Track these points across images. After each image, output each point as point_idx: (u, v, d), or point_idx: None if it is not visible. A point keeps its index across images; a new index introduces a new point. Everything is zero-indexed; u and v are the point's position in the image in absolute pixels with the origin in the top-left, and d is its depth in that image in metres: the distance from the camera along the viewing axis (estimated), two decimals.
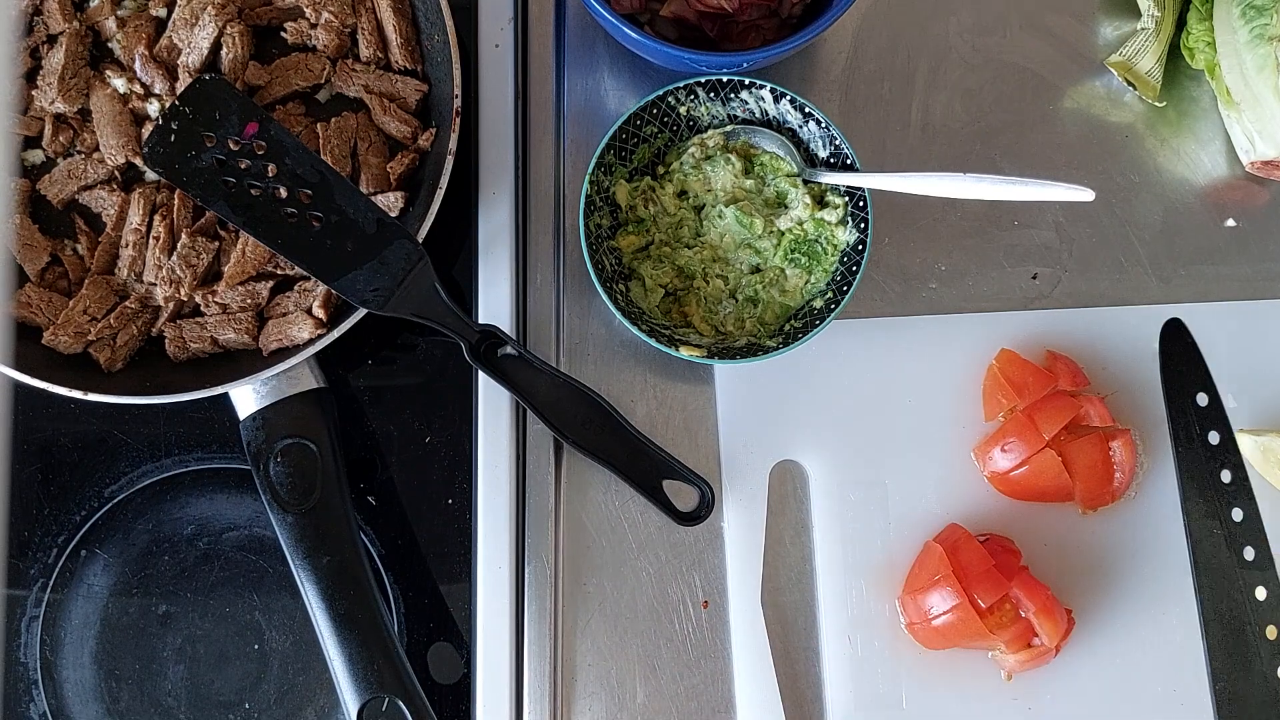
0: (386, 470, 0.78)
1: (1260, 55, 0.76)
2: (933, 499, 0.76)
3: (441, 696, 0.75)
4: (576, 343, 0.79)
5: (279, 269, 0.75)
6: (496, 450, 0.75)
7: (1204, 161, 0.83)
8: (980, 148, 0.82)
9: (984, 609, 0.70)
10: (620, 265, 0.77)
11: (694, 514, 0.74)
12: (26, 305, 0.73)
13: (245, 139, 0.68)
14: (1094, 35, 0.84)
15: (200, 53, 0.75)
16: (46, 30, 0.76)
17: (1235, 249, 0.81)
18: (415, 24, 0.78)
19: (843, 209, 0.76)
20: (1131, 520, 0.76)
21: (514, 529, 0.75)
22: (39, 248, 0.75)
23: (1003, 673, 0.73)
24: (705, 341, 0.75)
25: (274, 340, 0.73)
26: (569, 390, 0.73)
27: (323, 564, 0.70)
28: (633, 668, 0.74)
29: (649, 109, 0.75)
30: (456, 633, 0.76)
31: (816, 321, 0.73)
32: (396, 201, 0.75)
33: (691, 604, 0.75)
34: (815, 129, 0.75)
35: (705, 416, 0.78)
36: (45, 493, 0.78)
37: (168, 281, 0.73)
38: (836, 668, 0.73)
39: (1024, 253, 0.80)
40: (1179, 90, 0.83)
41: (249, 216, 0.68)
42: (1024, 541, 0.74)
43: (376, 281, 0.69)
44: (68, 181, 0.75)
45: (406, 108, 0.77)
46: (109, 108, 0.75)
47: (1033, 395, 0.74)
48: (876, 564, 0.75)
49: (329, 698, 0.75)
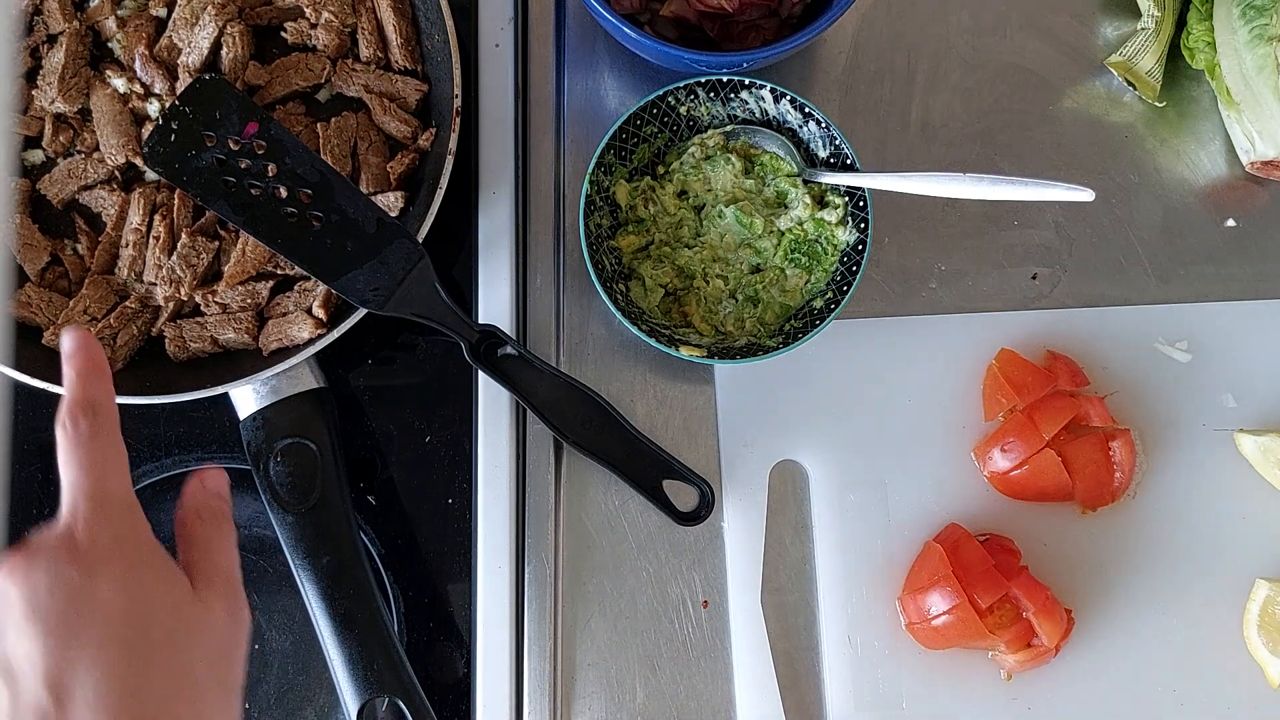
0: (386, 470, 0.78)
1: (1260, 55, 0.76)
2: (933, 499, 0.76)
3: (441, 696, 0.75)
4: (576, 343, 0.79)
5: (279, 269, 0.75)
6: (496, 450, 0.75)
7: (1204, 161, 0.83)
8: (980, 148, 0.82)
9: (984, 609, 0.70)
10: (620, 265, 0.77)
11: (694, 514, 0.74)
12: (26, 305, 0.73)
13: (245, 139, 0.68)
14: (1094, 35, 0.84)
15: (200, 53, 0.75)
16: (46, 30, 0.77)
17: (1235, 249, 0.81)
18: (415, 24, 0.78)
19: (843, 209, 0.76)
20: (1131, 520, 0.75)
21: (514, 529, 0.75)
22: (39, 248, 0.75)
23: (1003, 673, 0.73)
24: (705, 341, 0.75)
25: (274, 340, 0.73)
26: (569, 390, 0.73)
27: (323, 564, 0.70)
28: (633, 668, 0.74)
29: (649, 109, 0.75)
30: (456, 633, 0.76)
31: (816, 321, 0.73)
32: (396, 201, 0.75)
33: (691, 604, 0.75)
34: (815, 129, 0.75)
35: (705, 416, 0.78)
36: (45, 493, 0.78)
37: (168, 281, 0.73)
38: (836, 668, 0.73)
39: (1024, 253, 0.80)
40: (1179, 90, 0.83)
41: (249, 216, 0.68)
42: (1024, 541, 0.74)
43: (376, 281, 0.69)
44: (68, 181, 0.76)
45: (406, 108, 0.77)
46: (109, 108, 0.75)
47: (1033, 395, 0.74)
48: (876, 564, 0.75)
49: (329, 698, 0.75)
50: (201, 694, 0.52)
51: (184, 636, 0.52)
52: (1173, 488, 0.76)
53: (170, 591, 0.53)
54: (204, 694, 0.52)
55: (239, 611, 0.56)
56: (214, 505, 0.58)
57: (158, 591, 0.53)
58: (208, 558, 0.56)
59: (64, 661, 0.49)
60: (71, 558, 0.51)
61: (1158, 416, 0.77)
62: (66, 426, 0.53)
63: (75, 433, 0.53)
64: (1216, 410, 0.77)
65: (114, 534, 0.52)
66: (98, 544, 0.52)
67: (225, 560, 0.57)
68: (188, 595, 0.54)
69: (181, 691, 0.51)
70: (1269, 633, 0.72)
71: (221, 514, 0.58)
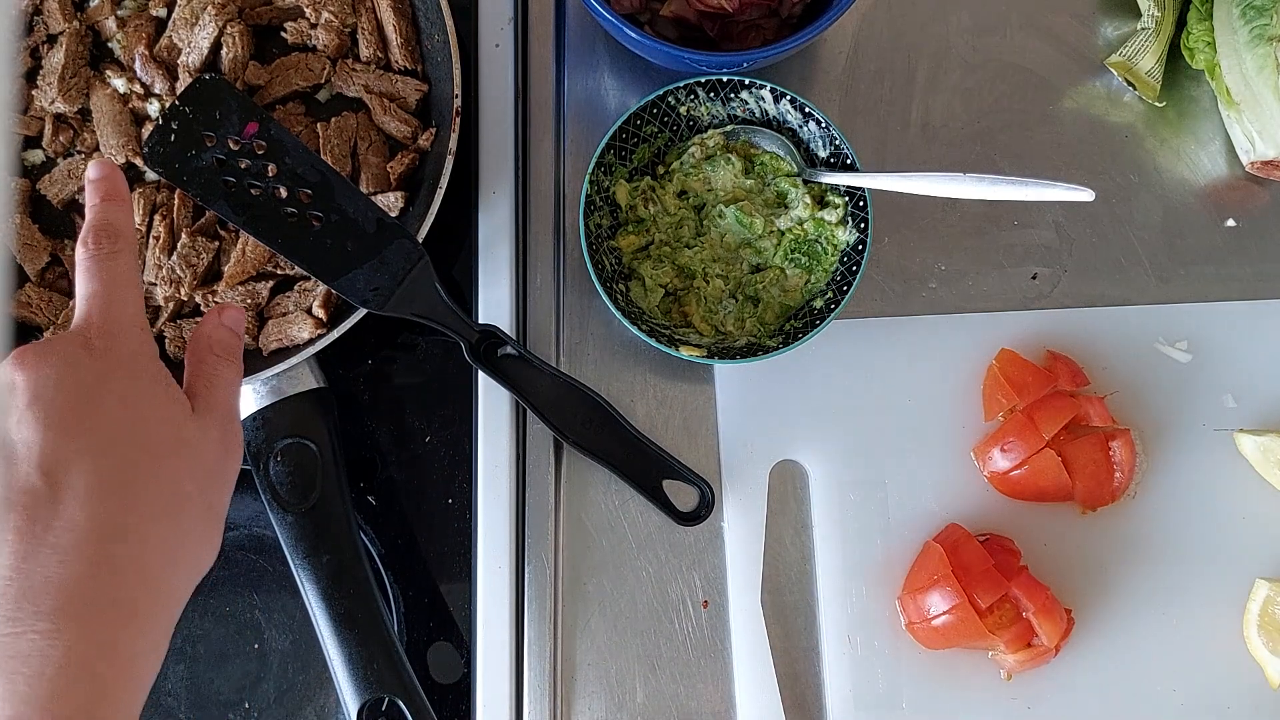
0: (386, 470, 0.78)
1: (1260, 55, 0.76)
2: (932, 499, 0.76)
3: (441, 696, 0.75)
4: (576, 343, 0.79)
5: (279, 269, 0.75)
6: (496, 450, 0.75)
7: (1204, 161, 0.83)
8: (980, 148, 0.82)
9: (984, 609, 0.70)
10: (620, 265, 0.77)
11: (694, 514, 0.74)
12: (26, 305, 0.73)
13: (245, 139, 0.68)
14: (1094, 35, 0.84)
15: (200, 53, 0.75)
16: (46, 30, 0.77)
17: (1235, 249, 0.81)
18: (415, 24, 0.78)
19: (843, 209, 0.76)
20: (1131, 520, 0.75)
21: (514, 529, 0.75)
22: (39, 248, 0.75)
23: (1003, 673, 0.73)
24: (705, 341, 0.75)
25: (274, 340, 0.73)
26: (569, 390, 0.73)
27: (323, 564, 0.70)
28: (633, 668, 0.74)
29: (649, 109, 0.75)
30: (456, 633, 0.76)
31: (816, 321, 0.73)
32: (396, 201, 0.75)
33: (691, 604, 0.75)
34: (815, 129, 0.75)
35: (705, 416, 0.78)
36: None
37: (168, 281, 0.73)
38: (836, 668, 0.73)
39: (1024, 253, 0.80)
40: (1179, 90, 0.83)
41: (249, 216, 0.68)
42: (1024, 541, 0.74)
43: (376, 281, 0.69)
44: (68, 181, 0.76)
45: (406, 108, 0.77)
46: (109, 108, 0.75)
47: (1033, 395, 0.74)
48: (876, 564, 0.75)
49: (329, 697, 0.75)
50: (185, 509, 0.54)
51: (176, 452, 0.54)
52: (1173, 488, 0.76)
53: (170, 408, 0.55)
54: (187, 509, 0.54)
55: (233, 439, 0.59)
56: (227, 339, 0.61)
57: (159, 405, 0.55)
58: (211, 388, 0.58)
59: (61, 453, 0.50)
60: (82, 360, 0.53)
61: (1158, 416, 0.77)
62: (88, 244, 0.56)
63: (96, 250, 0.56)
64: (1216, 410, 0.77)
65: (124, 347, 0.54)
66: (109, 352, 0.54)
67: (226, 392, 0.59)
68: (186, 414, 0.56)
69: (167, 503, 0.53)
70: (1269, 633, 0.72)
71: (232, 349, 0.61)
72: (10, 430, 0.51)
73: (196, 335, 0.60)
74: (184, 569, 0.54)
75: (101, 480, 0.51)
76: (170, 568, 0.53)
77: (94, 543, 0.50)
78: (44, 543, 0.49)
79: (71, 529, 0.49)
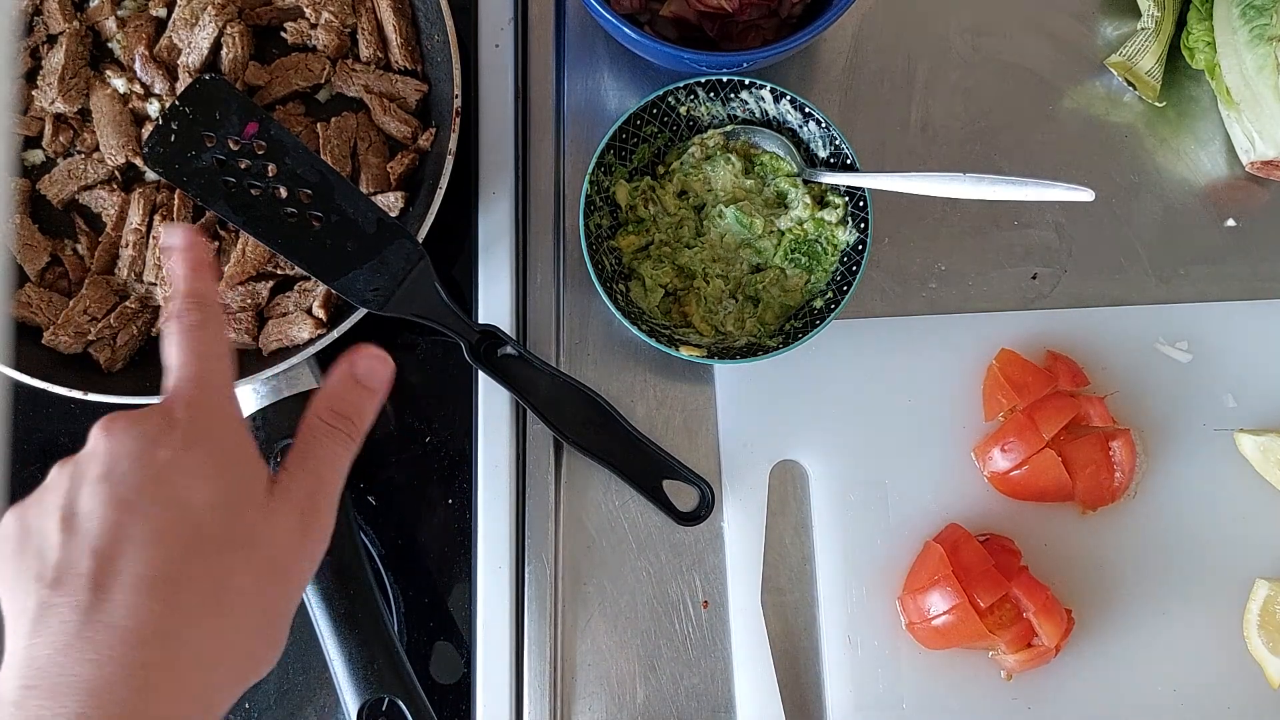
0: (386, 470, 0.78)
1: (1260, 55, 0.76)
2: (932, 499, 0.76)
3: (441, 696, 0.75)
4: (576, 343, 0.79)
5: (279, 269, 0.75)
6: (496, 450, 0.75)
7: (1204, 161, 0.83)
8: (980, 148, 0.82)
9: (984, 609, 0.70)
10: (620, 265, 0.77)
11: (694, 514, 0.74)
12: (26, 305, 0.73)
13: (245, 139, 0.68)
14: (1094, 35, 0.84)
15: (200, 53, 0.75)
16: (46, 30, 0.77)
17: (1235, 249, 0.81)
18: (415, 24, 0.78)
19: (843, 209, 0.76)
20: (1131, 520, 0.76)
21: (514, 529, 0.75)
22: (39, 248, 0.75)
23: (1003, 673, 0.73)
24: (705, 341, 0.75)
25: (274, 340, 0.73)
26: (569, 390, 0.73)
27: (323, 564, 0.70)
28: (633, 668, 0.74)
29: (649, 109, 0.75)
30: (456, 633, 0.76)
31: (816, 321, 0.73)
32: (396, 201, 0.75)
33: (691, 604, 0.75)
34: (815, 129, 0.75)
35: (705, 416, 0.78)
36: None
37: (168, 281, 0.73)
38: (836, 668, 0.73)
39: (1024, 253, 0.80)
40: (1179, 90, 0.83)
41: (249, 216, 0.68)
42: (1024, 541, 0.74)
43: (376, 281, 0.69)
44: (68, 181, 0.76)
45: (406, 108, 0.77)
46: (109, 108, 0.75)
47: (1033, 395, 0.74)
48: (876, 564, 0.75)
49: (329, 697, 0.75)
50: (235, 607, 0.51)
51: (232, 545, 0.51)
52: (1173, 488, 0.76)
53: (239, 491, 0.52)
54: (238, 608, 0.51)
55: (314, 529, 0.54)
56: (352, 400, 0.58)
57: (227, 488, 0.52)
58: (302, 467, 0.55)
59: (117, 534, 0.49)
60: (163, 436, 0.51)
61: (1158, 416, 0.77)
62: (179, 316, 0.55)
63: (185, 322, 0.55)
64: (1216, 410, 0.77)
65: (208, 419, 0.53)
66: (192, 424, 0.52)
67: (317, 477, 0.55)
68: (257, 501, 0.52)
69: (214, 602, 0.50)
70: (1269, 633, 0.72)
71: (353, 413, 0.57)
72: (81, 499, 0.50)
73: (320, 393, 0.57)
74: (225, 672, 0.51)
75: (149, 572, 0.48)
76: (207, 672, 0.50)
77: (130, 646, 0.47)
78: (81, 635, 0.47)
79: (110, 627, 0.47)
